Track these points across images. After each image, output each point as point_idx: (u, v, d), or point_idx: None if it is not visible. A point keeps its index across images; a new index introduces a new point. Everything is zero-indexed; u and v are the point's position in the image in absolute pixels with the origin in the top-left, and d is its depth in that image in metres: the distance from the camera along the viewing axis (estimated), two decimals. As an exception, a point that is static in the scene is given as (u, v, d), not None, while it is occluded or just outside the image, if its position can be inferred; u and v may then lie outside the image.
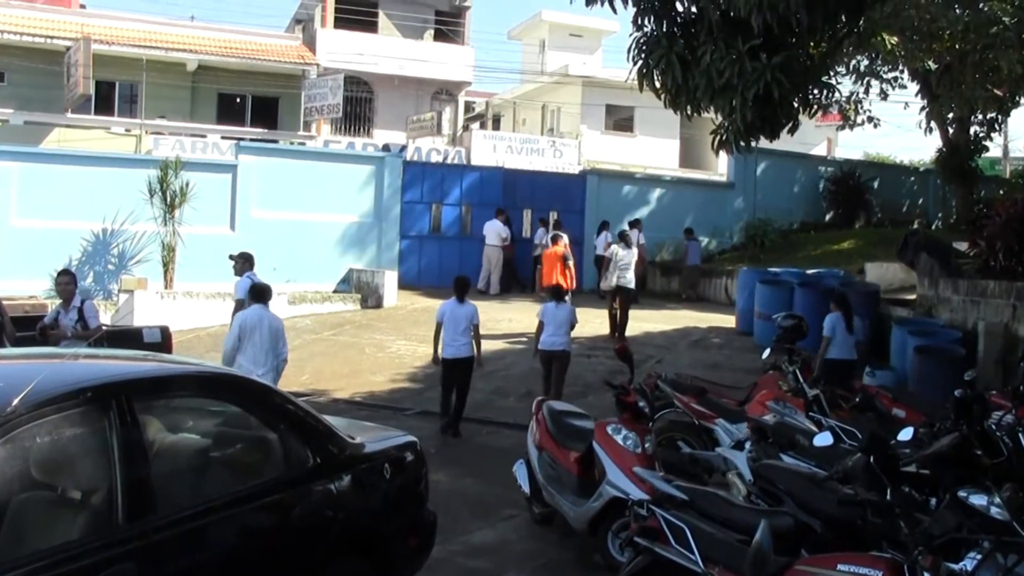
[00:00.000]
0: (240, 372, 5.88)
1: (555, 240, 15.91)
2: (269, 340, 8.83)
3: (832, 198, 24.53)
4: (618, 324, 15.15)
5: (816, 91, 10.17)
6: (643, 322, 16.46)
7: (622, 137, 34.13)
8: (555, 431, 7.43)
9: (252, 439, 4.79)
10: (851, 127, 23.91)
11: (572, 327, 10.93)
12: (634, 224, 19.31)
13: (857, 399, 8.12)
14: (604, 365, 13.23)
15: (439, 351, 10.43)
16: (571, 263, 15.66)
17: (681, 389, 8.55)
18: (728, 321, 16.58)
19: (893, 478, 4.83)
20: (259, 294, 9.21)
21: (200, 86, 28.35)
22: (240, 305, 10.02)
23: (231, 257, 11.56)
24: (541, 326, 10.85)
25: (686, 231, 20.54)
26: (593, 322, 15.70)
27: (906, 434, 5.41)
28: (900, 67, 20.86)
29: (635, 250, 15.81)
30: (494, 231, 19.66)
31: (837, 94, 20.72)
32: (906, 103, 22.22)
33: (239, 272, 11.16)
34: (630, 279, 15.24)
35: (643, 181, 23.74)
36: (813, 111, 10.78)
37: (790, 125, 9.97)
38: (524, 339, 14.65)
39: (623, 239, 15.75)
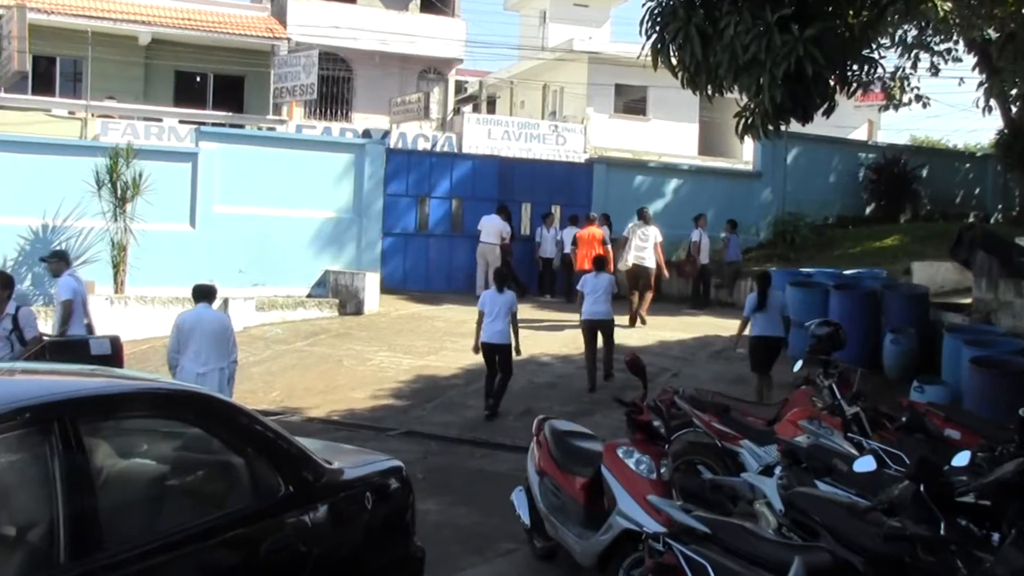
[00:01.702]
0: (203, 388, 5.87)
1: (592, 221, 17.69)
2: (212, 340, 9.52)
3: (874, 188, 24.57)
4: (634, 308, 16.26)
5: (855, 67, 10.21)
6: (658, 330, 16.47)
7: (634, 121, 34.17)
8: (559, 454, 7.43)
9: (215, 465, 4.79)
10: (896, 107, 23.86)
11: (613, 296, 13.14)
12: (698, 219, 19.76)
13: (904, 418, 8.11)
14: (613, 379, 13.23)
15: (479, 337, 12.05)
16: (609, 246, 16.73)
17: (701, 406, 8.55)
18: (755, 329, 16.56)
19: (947, 509, 4.80)
20: (201, 293, 9.84)
21: (155, 63, 28.39)
22: (68, 308, 10.56)
23: (43, 259, 11.92)
24: (582, 297, 13.17)
25: (728, 223, 20.42)
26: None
27: (962, 459, 5.39)
28: (954, 37, 20.71)
29: (655, 228, 16.89)
30: (494, 228, 19.69)
31: (880, 70, 20.51)
32: (961, 79, 22.11)
33: (56, 272, 11.34)
34: (648, 258, 16.42)
35: (657, 171, 23.79)
36: (852, 90, 10.81)
37: (825, 106, 10.00)
38: (524, 350, 14.70)
39: (641, 216, 17.30)
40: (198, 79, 29.77)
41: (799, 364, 9.12)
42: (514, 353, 12.14)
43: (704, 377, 13.32)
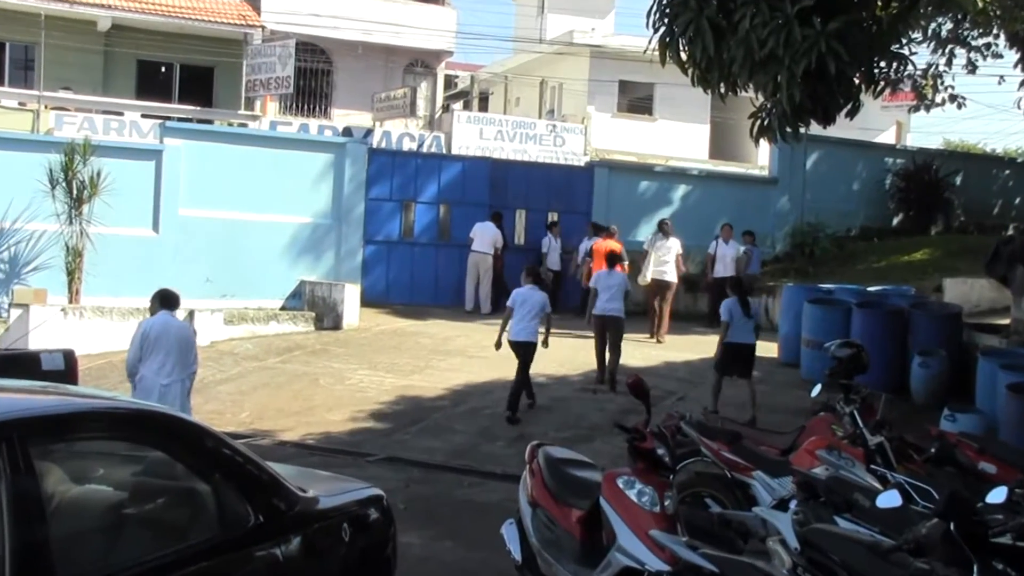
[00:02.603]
0: (165, 408, 5.89)
1: (612, 234, 18.34)
2: (176, 350, 9.90)
3: (902, 197, 24.64)
4: (657, 323, 17.22)
5: (883, 63, 10.27)
6: (664, 350, 16.52)
7: (639, 121, 34.28)
8: (553, 484, 7.44)
9: (178, 492, 4.80)
10: (927, 108, 23.85)
11: (626, 295, 14.38)
12: (747, 235, 20.16)
13: (933, 449, 8.12)
14: (614, 402, 13.26)
15: (504, 336, 12.94)
16: (626, 263, 17.05)
17: (710, 433, 8.57)
18: (769, 349, 16.53)
19: (981, 550, 4.80)
20: (165, 300, 10.14)
21: (115, 51, 28.39)
22: None
23: None
24: (595, 293, 14.36)
25: (745, 234, 20.47)
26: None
27: (998, 495, 5.39)
28: (994, 30, 20.67)
29: (676, 241, 18.22)
30: (488, 236, 19.75)
31: (910, 67, 20.48)
32: (1001, 77, 22.16)
33: None
34: (669, 272, 17.40)
35: (664, 175, 23.89)
36: (879, 89, 10.88)
37: (849, 107, 10.05)
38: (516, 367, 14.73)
39: (662, 228, 18.40)
40: (163, 69, 29.78)
41: (818, 389, 9.13)
42: (540, 347, 13.07)
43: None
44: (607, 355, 14.37)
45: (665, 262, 17.82)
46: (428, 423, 12.87)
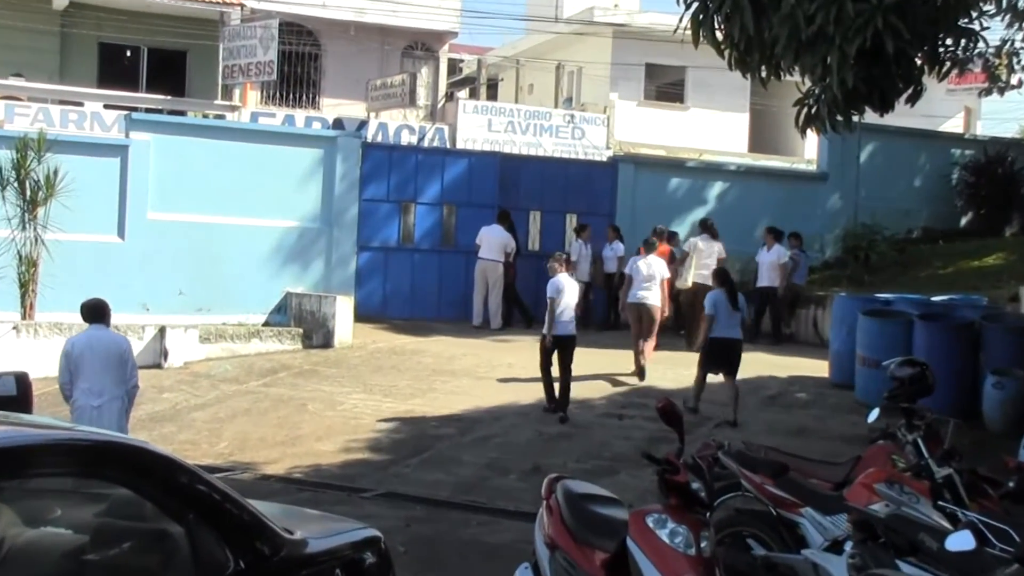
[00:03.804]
0: (134, 440, 5.89)
1: (671, 238, 19.43)
2: (106, 366, 10.16)
3: (971, 194, 24.64)
4: (697, 335, 17.24)
5: (949, 41, 10.22)
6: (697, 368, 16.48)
7: (668, 110, 34.31)
8: (573, 522, 7.42)
9: (148, 534, 4.79)
10: (1001, 91, 23.67)
11: (661, 282, 16.18)
12: (793, 238, 20.33)
13: (1011, 483, 8.07)
14: (642, 429, 13.27)
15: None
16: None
17: (752, 465, 8.54)
18: (818, 368, 16.64)
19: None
20: (92, 312, 10.48)
21: (73, 32, 28.49)
22: None
23: None
24: (630, 280, 16.24)
25: (791, 237, 20.45)
26: (622, 364, 15.89)
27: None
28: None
29: (719, 244, 18.87)
30: (496, 241, 19.78)
31: (981, 44, 20.24)
32: (1089, 54, 22.08)
33: None
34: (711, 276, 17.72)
35: (698, 171, 23.96)
36: (945, 70, 10.83)
37: (910, 91, 10.02)
38: (530, 389, 14.78)
39: (706, 229, 19.11)
40: (128, 54, 29.88)
41: (875, 413, 9.09)
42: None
43: (756, 429, 13.32)
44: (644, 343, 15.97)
45: (709, 266, 17.91)
46: (431, 454, 12.85)
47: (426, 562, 9.37)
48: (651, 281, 16.12)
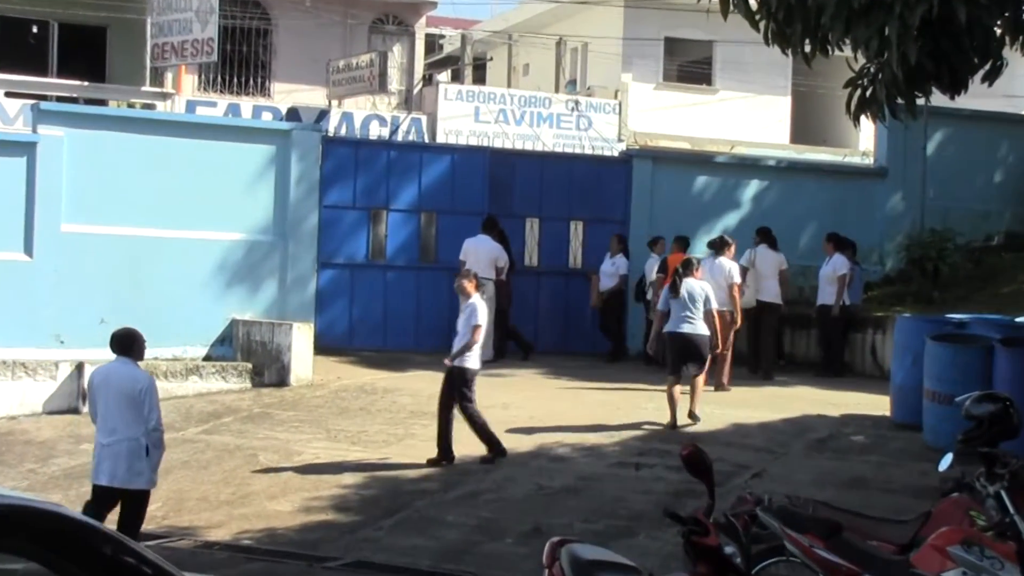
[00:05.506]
0: (46, 503, 5.82)
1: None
2: (119, 404, 10.70)
3: (1063, 191, 24.64)
4: (763, 361, 18.87)
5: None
6: (730, 408, 16.48)
7: (693, 94, 34.54)
8: (583, 597, 7.38)
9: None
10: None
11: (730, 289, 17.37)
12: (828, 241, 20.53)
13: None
14: (664, 480, 13.24)
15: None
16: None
17: (798, 523, 8.48)
18: (878, 404, 16.63)
19: None
20: (117, 343, 11.02)
21: (-32, 7, 28.55)
22: None
23: None
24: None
25: (844, 244, 20.51)
26: (641, 403, 15.90)
27: None
28: None
29: (780, 256, 19.44)
30: (485, 254, 19.73)
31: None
32: None
33: None
34: (775, 291, 18.65)
35: (730, 168, 24.09)
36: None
37: (987, 67, 10.00)
38: (530, 435, 14.71)
39: (765, 238, 19.49)
40: (34, 30, 29.90)
41: (948, 460, 9.04)
42: None
43: (802, 479, 13.27)
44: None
45: (772, 276, 18.99)
46: (409, 514, 12.80)
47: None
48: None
